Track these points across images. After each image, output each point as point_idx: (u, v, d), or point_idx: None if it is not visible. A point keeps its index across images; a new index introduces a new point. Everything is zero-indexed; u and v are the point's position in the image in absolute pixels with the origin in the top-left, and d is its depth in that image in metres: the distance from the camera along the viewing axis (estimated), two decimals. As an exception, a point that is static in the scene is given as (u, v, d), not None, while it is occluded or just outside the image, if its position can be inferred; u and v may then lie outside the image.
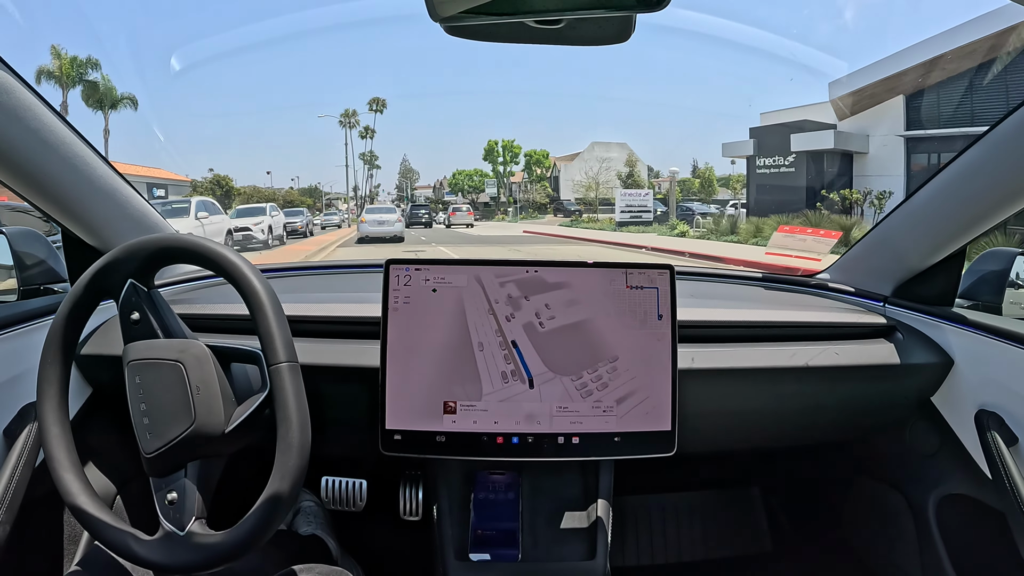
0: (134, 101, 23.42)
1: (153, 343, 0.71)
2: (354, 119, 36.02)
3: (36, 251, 0.99)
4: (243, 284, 0.69)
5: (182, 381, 0.67)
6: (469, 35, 0.53)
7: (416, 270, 0.82)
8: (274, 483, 0.65)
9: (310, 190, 37.47)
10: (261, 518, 0.65)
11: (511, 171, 34.39)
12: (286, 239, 14.79)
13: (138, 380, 0.69)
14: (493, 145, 34.04)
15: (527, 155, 33.59)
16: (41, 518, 0.87)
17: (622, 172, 28.35)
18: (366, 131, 36.86)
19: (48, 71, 21.60)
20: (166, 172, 26.55)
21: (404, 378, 0.81)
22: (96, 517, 0.68)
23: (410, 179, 42.97)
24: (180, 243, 0.72)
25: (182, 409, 0.67)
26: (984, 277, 1.02)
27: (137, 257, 0.71)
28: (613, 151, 30.46)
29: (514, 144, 34.06)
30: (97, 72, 22.51)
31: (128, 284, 0.71)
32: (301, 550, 1.00)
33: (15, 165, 0.79)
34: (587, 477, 0.93)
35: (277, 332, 0.67)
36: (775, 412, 0.98)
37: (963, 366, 0.94)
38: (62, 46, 22.99)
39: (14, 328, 0.84)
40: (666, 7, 0.47)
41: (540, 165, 33.25)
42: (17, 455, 0.79)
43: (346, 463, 1.08)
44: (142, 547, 0.66)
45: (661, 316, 0.83)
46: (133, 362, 0.70)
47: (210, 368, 0.69)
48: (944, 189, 0.92)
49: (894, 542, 1.07)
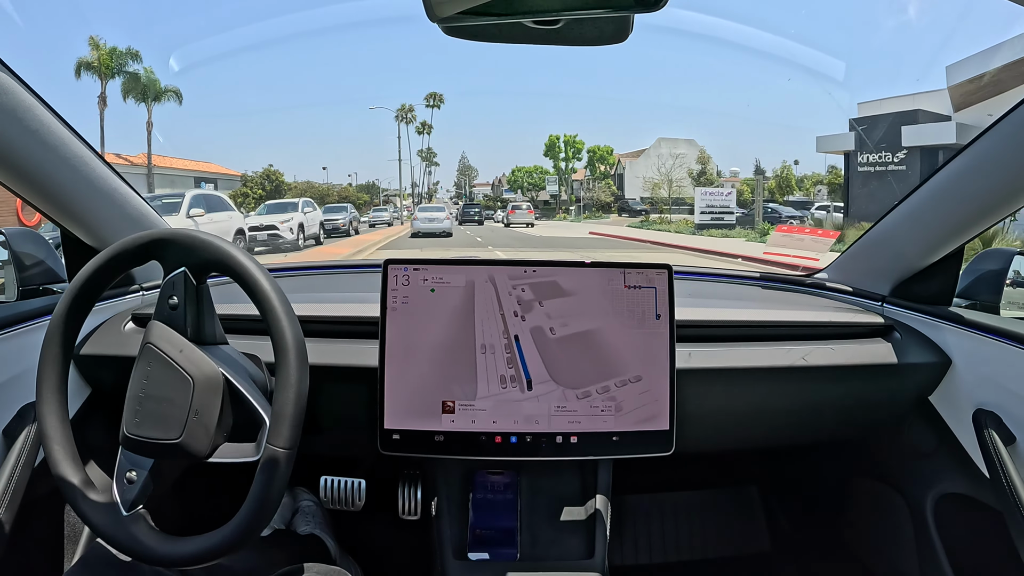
0: (178, 94, 22.63)
1: (178, 340, 0.69)
2: (410, 114, 35.05)
3: (35, 251, 0.99)
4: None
5: (186, 397, 0.66)
6: (467, 35, 0.53)
7: (415, 270, 0.82)
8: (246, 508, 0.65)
9: (368, 186, 36.51)
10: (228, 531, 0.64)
11: (573, 168, 32.41)
12: (323, 238, 13.78)
13: (149, 368, 0.68)
14: (554, 140, 32.21)
15: (590, 151, 31.49)
16: (41, 518, 0.87)
17: (693, 169, 25.92)
18: (423, 127, 35.95)
19: (87, 63, 20.96)
20: (216, 166, 26.09)
21: (402, 378, 0.81)
22: (72, 484, 0.68)
23: (469, 176, 41.89)
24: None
25: (174, 421, 0.66)
26: (982, 276, 1.02)
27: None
28: (681, 147, 27.73)
29: (576, 139, 32.00)
30: (138, 63, 21.78)
31: (181, 270, 0.70)
32: (300, 550, 1.00)
33: (14, 165, 0.79)
34: (585, 476, 0.93)
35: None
36: (773, 411, 0.98)
37: (961, 365, 0.94)
38: (100, 37, 22.04)
39: (13, 328, 0.84)
40: (663, 7, 0.47)
41: (604, 162, 31.23)
42: (16, 455, 0.79)
43: (345, 463, 1.08)
44: (87, 503, 0.67)
45: (659, 315, 0.83)
46: (151, 346, 0.68)
47: (216, 399, 0.68)
48: (942, 188, 0.92)
49: (892, 541, 1.07)
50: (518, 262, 0.84)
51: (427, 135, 36.89)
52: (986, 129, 0.81)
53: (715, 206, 16.56)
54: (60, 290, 1.00)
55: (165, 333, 0.69)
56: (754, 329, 0.98)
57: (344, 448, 1.00)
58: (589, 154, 31.68)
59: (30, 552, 0.85)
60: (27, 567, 0.85)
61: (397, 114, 34.66)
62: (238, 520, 0.64)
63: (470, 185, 41.49)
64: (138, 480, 0.67)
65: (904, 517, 1.04)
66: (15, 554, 0.80)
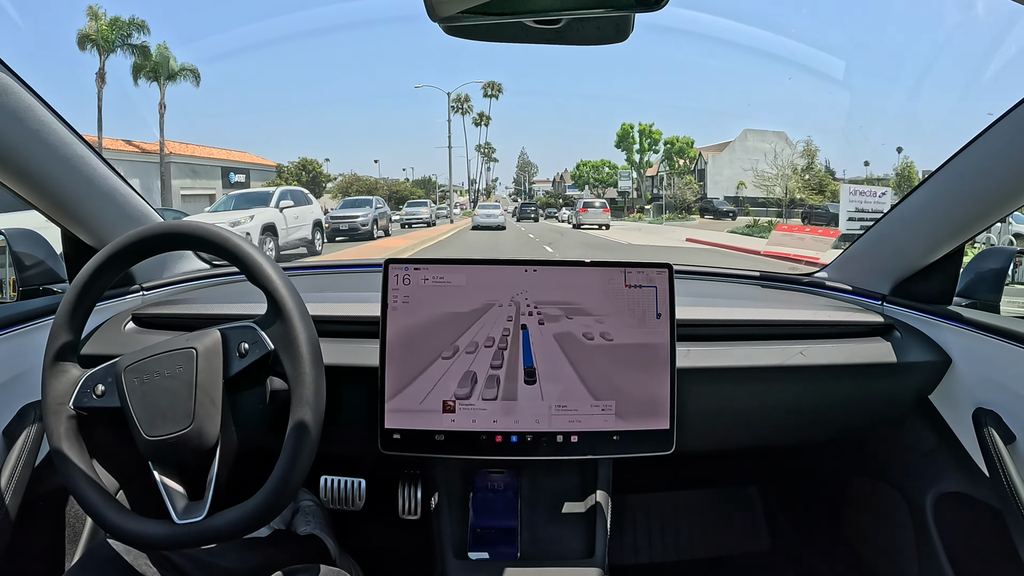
0: (195, 73, 19.86)
1: None
2: (467, 104, 32.99)
3: (35, 251, 0.99)
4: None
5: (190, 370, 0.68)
6: (468, 35, 0.53)
7: (415, 269, 0.82)
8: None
9: (424, 181, 34.94)
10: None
11: (649, 161, 28.37)
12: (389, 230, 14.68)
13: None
14: (628, 129, 28.15)
15: (667, 143, 27.36)
16: (41, 518, 0.87)
17: (797, 164, 21.26)
18: (480, 118, 33.81)
19: (86, 34, 18.37)
20: (249, 155, 24.25)
21: (403, 377, 0.81)
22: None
23: (528, 173, 40.51)
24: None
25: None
26: (982, 275, 1.02)
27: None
28: (769, 140, 24.18)
29: (653, 129, 27.82)
30: (143, 34, 18.92)
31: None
32: (300, 550, 1.01)
33: (14, 165, 0.79)
34: (586, 476, 0.93)
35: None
36: (773, 411, 0.98)
37: (961, 364, 0.94)
38: (99, 5, 18.76)
39: (13, 329, 0.84)
40: (664, 7, 0.47)
41: (683, 155, 27.01)
42: (17, 455, 0.79)
43: (345, 462, 1.08)
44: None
45: (660, 315, 0.83)
46: None
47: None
48: (943, 187, 0.92)
49: (892, 540, 1.07)
50: (519, 261, 0.84)
51: (485, 127, 34.54)
52: (987, 128, 0.81)
53: (866, 210, 12.35)
54: (60, 290, 1.00)
55: None
56: (754, 328, 0.98)
57: (344, 448, 1.00)
58: (667, 146, 27.53)
59: (30, 552, 0.85)
60: (27, 567, 0.85)
61: (453, 104, 31.72)
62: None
63: (530, 182, 39.85)
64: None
65: (904, 516, 1.04)
66: (15, 554, 0.80)
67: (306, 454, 0.66)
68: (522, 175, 40.75)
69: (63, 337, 0.71)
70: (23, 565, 0.83)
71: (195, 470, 0.70)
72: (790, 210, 19.55)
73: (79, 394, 0.70)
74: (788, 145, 23.39)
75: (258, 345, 0.69)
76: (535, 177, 40.90)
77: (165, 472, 0.69)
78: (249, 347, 0.70)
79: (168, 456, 0.68)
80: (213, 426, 0.67)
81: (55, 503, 0.89)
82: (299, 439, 0.65)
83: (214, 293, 1.12)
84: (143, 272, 1.06)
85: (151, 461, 0.68)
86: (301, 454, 0.65)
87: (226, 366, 0.69)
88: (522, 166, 41.31)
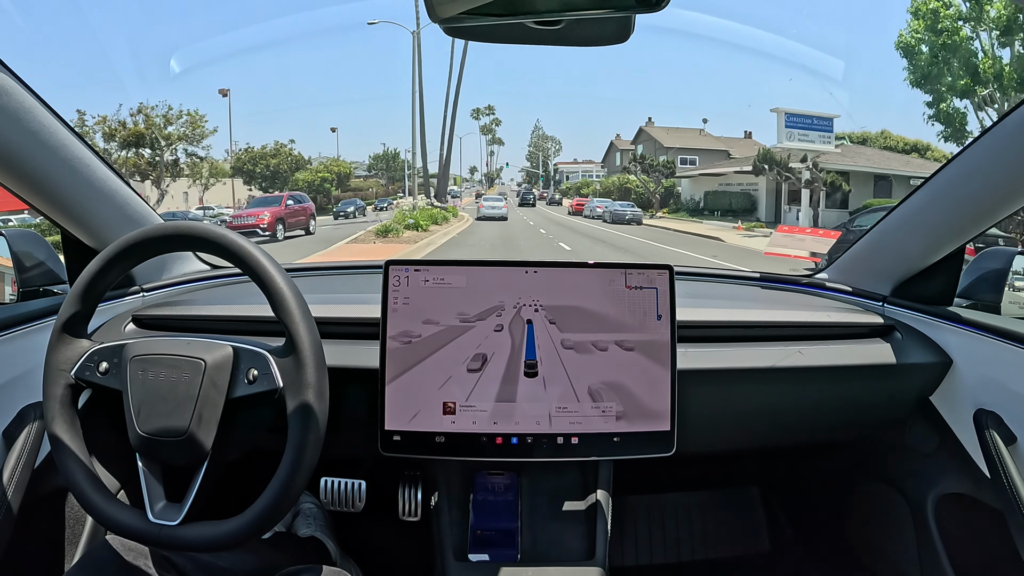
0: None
1: None
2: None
3: (35, 252, 0.98)
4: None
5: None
6: (469, 36, 0.53)
7: (415, 271, 0.82)
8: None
9: (384, 156, 27.03)
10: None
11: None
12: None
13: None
14: None
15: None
16: (41, 519, 0.87)
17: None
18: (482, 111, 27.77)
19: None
20: None
21: (403, 379, 0.81)
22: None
23: (543, 151, 31.18)
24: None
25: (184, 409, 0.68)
26: (983, 276, 1.02)
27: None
28: None
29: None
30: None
31: None
32: (300, 552, 1.00)
33: (14, 167, 0.79)
34: (586, 477, 0.93)
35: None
36: (774, 412, 0.98)
37: (962, 365, 0.94)
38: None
39: (13, 330, 0.84)
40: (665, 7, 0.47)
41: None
42: (17, 456, 0.79)
43: (345, 464, 1.08)
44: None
45: (660, 316, 0.83)
46: None
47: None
48: (943, 188, 0.92)
49: (893, 541, 1.07)
50: (519, 263, 0.84)
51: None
52: (987, 129, 0.81)
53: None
54: (60, 291, 1.00)
55: None
56: (755, 330, 0.98)
57: (344, 449, 1.00)
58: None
59: (30, 552, 0.85)
60: (27, 567, 0.85)
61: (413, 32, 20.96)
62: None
63: (544, 158, 31.15)
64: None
65: (905, 517, 1.04)
66: (16, 554, 0.80)
67: (292, 495, 0.66)
68: (536, 153, 31.95)
69: (75, 307, 0.71)
70: (23, 565, 0.83)
71: (181, 472, 0.70)
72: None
73: (82, 366, 0.70)
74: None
75: (268, 378, 0.69)
76: (559, 157, 31.61)
77: (150, 467, 0.69)
78: (258, 376, 0.69)
79: (156, 453, 0.69)
80: (207, 439, 0.67)
81: (55, 504, 0.89)
82: (289, 473, 0.66)
83: (214, 294, 1.12)
84: (143, 273, 1.06)
85: (138, 452, 0.69)
86: (287, 492, 0.66)
87: (231, 386, 0.69)
88: (537, 143, 32.60)
